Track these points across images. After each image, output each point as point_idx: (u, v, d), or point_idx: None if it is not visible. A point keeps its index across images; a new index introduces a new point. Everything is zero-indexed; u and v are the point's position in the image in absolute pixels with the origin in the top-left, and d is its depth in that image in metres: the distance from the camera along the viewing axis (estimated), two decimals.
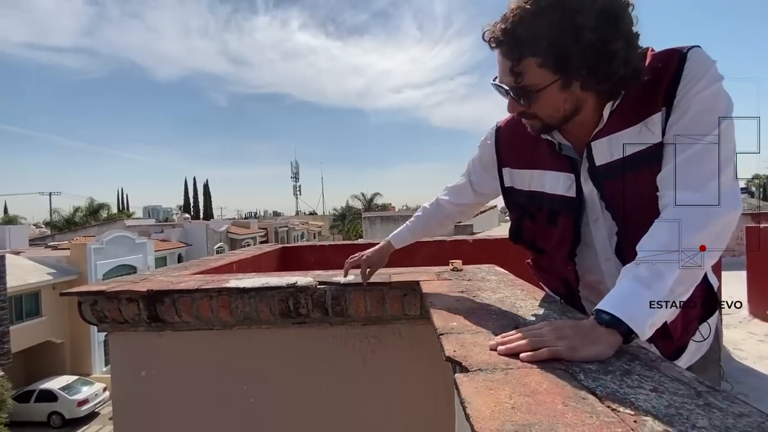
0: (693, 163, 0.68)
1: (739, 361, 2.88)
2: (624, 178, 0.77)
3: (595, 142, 0.78)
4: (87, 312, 1.40)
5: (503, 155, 0.97)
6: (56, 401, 13.14)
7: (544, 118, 0.77)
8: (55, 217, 31.68)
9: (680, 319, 0.81)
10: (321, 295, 1.33)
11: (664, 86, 0.71)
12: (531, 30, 0.66)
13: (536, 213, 0.92)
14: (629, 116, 0.74)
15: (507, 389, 0.51)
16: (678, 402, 0.47)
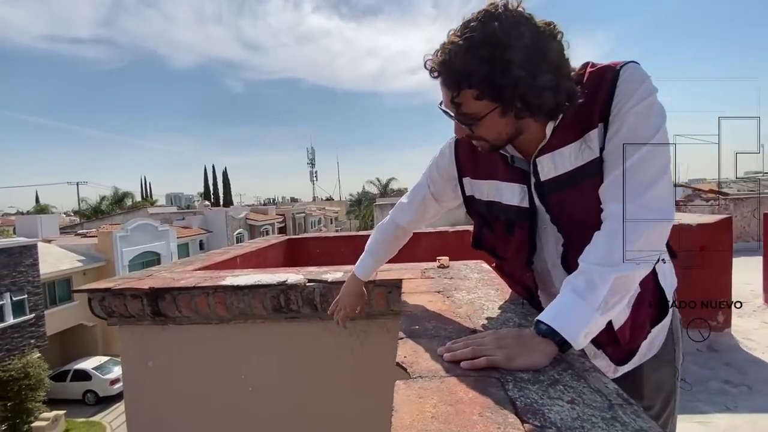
0: (628, 176, 0.70)
1: (748, 351, 2.84)
2: (567, 192, 0.79)
3: (539, 158, 0.80)
4: (96, 307, 1.51)
5: (463, 166, 0.98)
6: (90, 380, 13.95)
7: (490, 140, 0.79)
8: (83, 206, 32.95)
9: (629, 324, 0.83)
10: (310, 292, 1.40)
11: (599, 103, 0.72)
12: (464, 64, 0.68)
13: (494, 222, 0.95)
14: (570, 133, 0.76)
15: (435, 398, 0.55)
16: (587, 414, 0.50)
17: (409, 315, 0.95)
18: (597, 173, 0.74)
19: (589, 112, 0.73)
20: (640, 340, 0.87)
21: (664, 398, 0.94)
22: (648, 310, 0.85)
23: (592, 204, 0.75)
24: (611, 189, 0.72)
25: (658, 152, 0.69)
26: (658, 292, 0.86)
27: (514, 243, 0.91)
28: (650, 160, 0.69)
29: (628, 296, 0.70)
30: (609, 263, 0.67)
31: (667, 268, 0.91)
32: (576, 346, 0.65)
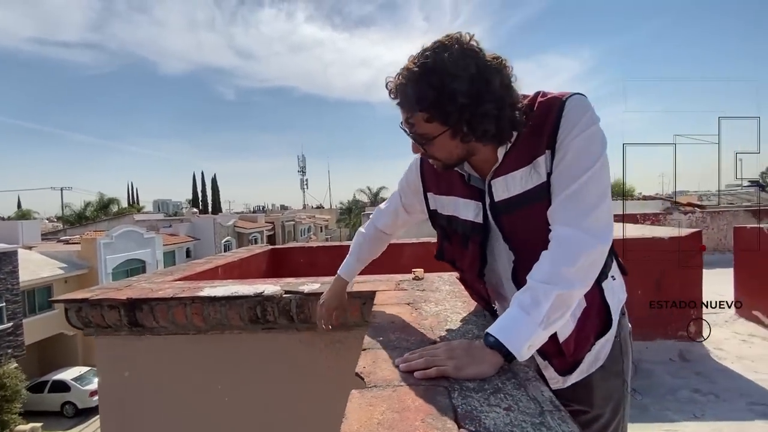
0: (570, 201, 0.76)
1: (718, 361, 2.93)
2: (517, 213, 0.85)
3: (494, 180, 0.87)
4: (73, 318, 1.52)
5: (427, 181, 1.05)
6: (69, 391, 13.56)
7: (442, 160, 0.85)
8: (67, 212, 32.32)
9: (574, 337, 0.88)
10: (286, 303, 1.43)
11: (547, 131, 0.79)
12: (416, 89, 0.75)
13: (453, 236, 1.01)
14: (521, 158, 0.82)
15: (384, 406, 0.60)
16: (519, 420, 0.55)
17: (375, 326, 0.99)
18: (545, 197, 0.80)
19: (538, 140, 0.80)
20: (584, 352, 0.92)
21: (613, 407, 0.99)
22: (593, 324, 0.91)
23: (539, 225, 0.81)
24: (556, 212, 0.78)
25: (598, 179, 0.76)
26: (603, 307, 0.91)
27: (469, 256, 0.97)
28: (591, 187, 0.76)
29: (568, 312, 0.76)
30: (552, 281, 0.73)
31: (617, 284, 0.97)
32: (519, 358, 0.70)
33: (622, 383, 0.98)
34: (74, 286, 15.92)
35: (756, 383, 2.62)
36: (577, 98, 0.79)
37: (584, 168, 0.76)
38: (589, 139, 0.76)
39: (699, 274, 3.02)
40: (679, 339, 3.09)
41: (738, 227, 3.97)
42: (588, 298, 0.87)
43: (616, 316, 0.94)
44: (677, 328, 3.14)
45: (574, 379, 0.95)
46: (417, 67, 0.75)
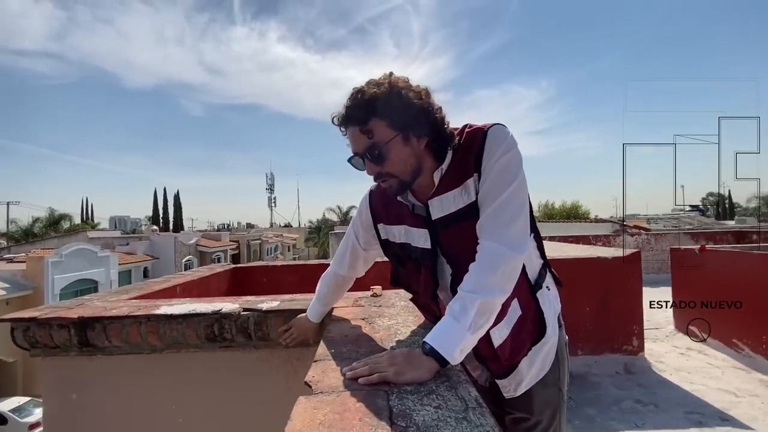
0: (493, 217, 0.88)
1: (658, 373, 3.15)
2: (451, 229, 0.96)
3: (431, 200, 0.97)
4: (19, 338, 1.47)
5: (376, 213, 1.13)
6: (6, 424, 12.30)
7: (398, 174, 0.93)
8: (12, 228, 30.02)
9: (509, 343, 0.98)
10: (244, 321, 1.45)
11: (473, 156, 0.91)
12: (373, 100, 0.87)
13: (406, 261, 1.09)
14: (453, 181, 0.94)
15: (327, 409, 0.66)
16: (445, 416, 0.63)
17: (329, 340, 1.04)
18: (474, 214, 0.91)
19: (466, 164, 0.92)
20: (520, 356, 1.01)
21: (550, 413, 1.09)
22: (528, 331, 1.01)
23: (470, 240, 0.91)
24: (482, 227, 0.89)
25: (515, 196, 0.88)
26: (538, 315, 1.01)
27: (422, 279, 1.05)
28: (510, 203, 0.87)
29: (492, 317, 0.85)
30: (476, 290, 0.82)
31: (552, 294, 1.08)
32: (452, 362, 0.78)
33: (558, 391, 1.07)
34: (17, 307, 14.67)
35: (692, 393, 2.84)
36: (497, 128, 0.91)
37: (504, 187, 0.87)
38: (507, 162, 0.88)
39: (639, 290, 3.27)
40: (624, 353, 3.30)
41: (674, 248, 4.33)
42: (523, 307, 0.97)
43: (552, 323, 1.04)
44: (623, 342, 3.36)
45: (525, 388, 1.04)
46: (369, 87, 0.88)
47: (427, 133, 0.91)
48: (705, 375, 3.15)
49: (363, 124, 0.89)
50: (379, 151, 0.90)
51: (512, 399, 1.07)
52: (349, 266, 1.25)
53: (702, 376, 3.13)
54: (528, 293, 0.99)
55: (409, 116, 0.88)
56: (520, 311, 0.99)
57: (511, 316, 0.97)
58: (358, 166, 0.94)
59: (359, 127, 0.90)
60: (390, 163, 0.91)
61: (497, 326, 0.95)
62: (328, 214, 38.50)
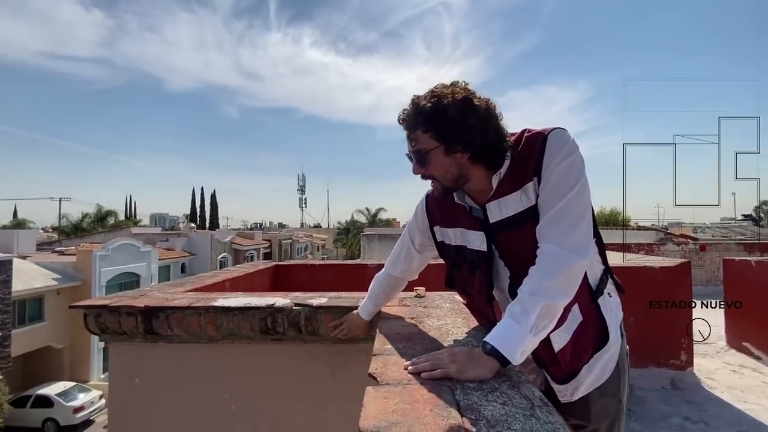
0: (554, 221, 0.89)
1: (709, 390, 2.99)
2: (510, 232, 0.97)
3: (489, 204, 1.00)
4: (92, 323, 1.59)
5: (432, 216, 1.17)
6: (52, 407, 13.19)
7: (439, 179, 0.98)
8: (64, 223, 32.19)
9: (569, 348, 0.98)
10: (296, 315, 1.52)
11: (533, 161, 0.92)
12: (421, 112, 0.92)
13: (462, 264, 1.12)
14: (512, 185, 0.96)
15: (397, 399, 0.69)
16: (512, 412, 0.64)
17: (383, 336, 1.08)
18: (533, 218, 0.93)
19: (526, 168, 0.93)
20: (581, 363, 1.01)
21: (608, 423, 1.07)
22: (590, 337, 1.00)
23: (529, 243, 0.93)
24: (542, 231, 0.91)
25: (577, 201, 0.88)
26: (600, 322, 1.01)
27: (477, 282, 1.07)
28: (571, 208, 0.88)
29: (554, 320, 0.86)
30: (538, 293, 0.84)
31: (613, 302, 1.07)
32: (513, 362, 0.80)
33: (618, 402, 1.06)
34: (67, 297, 15.73)
35: (745, 413, 2.67)
36: (557, 132, 0.92)
37: (565, 191, 0.88)
38: (569, 166, 0.89)
39: (688, 302, 3.11)
40: (671, 368, 3.15)
41: (727, 259, 4.08)
42: (584, 313, 0.97)
43: (614, 331, 1.03)
44: (669, 356, 3.21)
45: (582, 394, 1.03)
46: (419, 99, 0.93)
47: (472, 147, 0.93)
48: (760, 394, 2.96)
49: (411, 131, 0.95)
50: (421, 157, 0.96)
51: (569, 405, 1.06)
52: (403, 268, 1.28)
53: (757, 395, 2.94)
54: (589, 299, 0.99)
55: (453, 132, 0.92)
56: (581, 317, 0.99)
57: (572, 322, 0.97)
58: (409, 159, 1.00)
59: (408, 132, 0.96)
60: (431, 168, 0.97)
61: (557, 331, 0.96)
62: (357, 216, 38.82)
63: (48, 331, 15.17)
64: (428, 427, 0.59)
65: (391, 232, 10.67)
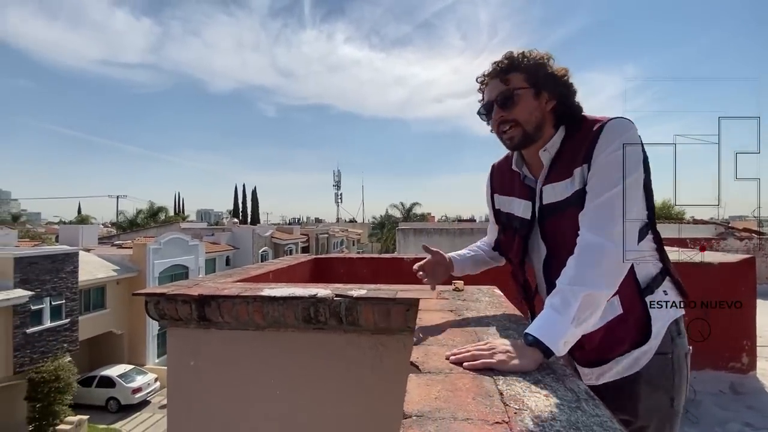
0: (598, 210, 0.88)
1: None
2: (557, 215, 1.00)
3: (544, 186, 1.04)
4: (152, 310, 1.73)
5: (493, 185, 1.27)
6: (114, 387, 14.37)
7: (522, 123, 1.03)
8: (121, 218, 34.72)
9: (599, 336, 0.98)
10: (337, 305, 1.57)
11: (585, 147, 0.93)
12: (517, 58, 1.04)
13: (507, 230, 1.19)
14: (565, 170, 0.98)
15: (439, 386, 0.71)
16: (557, 404, 0.64)
17: (423, 327, 1.10)
18: (579, 203, 0.93)
19: (577, 153, 0.95)
20: (613, 354, 1.00)
21: (658, 421, 1.04)
22: (629, 332, 0.97)
23: (571, 226, 0.94)
24: (585, 217, 0.90)
25: (627, 193, 0.86)
26: (645, 320, 0.98)
27: (515, 247, 1.14)
28: (619, 199, 0.86)
29: (598, 311, 0.85)
30: (578, 283, 0.83)
31: (668, 301, 1.02)
32: (557, 353, 0.79)
33: (670, 400, 1.02)
34: (125, 287, 17.01)
35: None
36: (618, 121, 0.92)
37: (615, 181, 0.87)
38: (622, 156, 0.88)
39: (752, 303, 2.88)
40: (731, 371, 2.94)
41: None
42: (625, 307, 0.95)
43: (659, 330, 1.00)
44: (728, 359, 2.99)
45: (607, 380, 1.02)
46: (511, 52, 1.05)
47: (556, 96, 1.03)
48: None
49: (504, 74, 1.04)
50: (510, 97, 1.02)
51: (607, 395, 1.04)
52: (487, 240, 1.38)
53: None
54: (634, 294, 0.97)
55: (544, 77, 1.02)
56: (620, 310, 0.97)
57: (608, 312, 0.96)
58: (487, 112, 1.07)
59: (500, 78, 1.04)
60: (517, 110, 1.02)
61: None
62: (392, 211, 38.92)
63: (109, 318, 16.49)
64: (472, 414, 0.61)
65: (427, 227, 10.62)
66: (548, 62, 1.03)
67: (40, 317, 13.04)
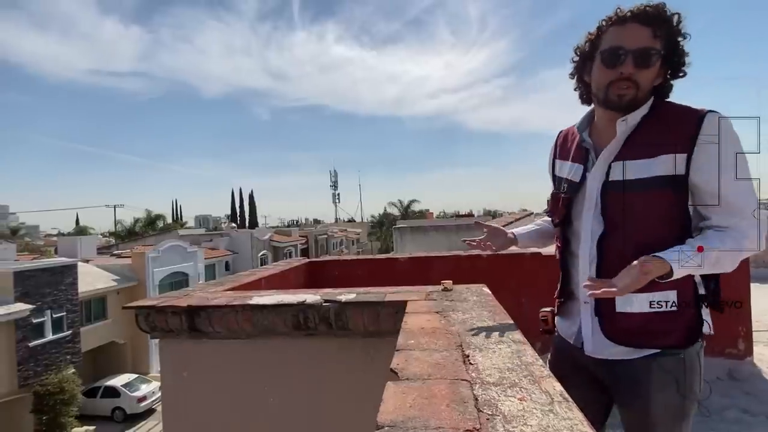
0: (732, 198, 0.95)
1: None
2: (629, 195, 1.01)
3: (614, 163, 1.03)
4: (142, 322, 1.73)
5: (557, 150, 1.27)
6: (119, 397, 14.37)
7: (642, 85, 1.00)
8: (119, 228, 34.65)
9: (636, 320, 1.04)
10: (326, 311, 1.57)
11: (682, 136, 0.97)
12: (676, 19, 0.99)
13: (556, 193, 1.20)
14: (645, 150, 1.00)
15: (415, 394, 0.71)
16: (530, 407, 0.64)
17: (407, 331, 1.10)
18: (665, 186, 0.98)
19: (667, 139, 0.98)
20: (640, 342, 1.05)
21: (670, 420, 1.06)
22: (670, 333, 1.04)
23: (645, 207, 0.99)
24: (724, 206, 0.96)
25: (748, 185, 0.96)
26: (689, 326, 1.04)
27: (559, 207, 1.17)
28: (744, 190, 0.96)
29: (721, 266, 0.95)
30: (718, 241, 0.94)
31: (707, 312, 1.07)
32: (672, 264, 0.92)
33: (683, 400, 1.04)
34: (125, 297, 16.99)
35: None
36: (717, 115, 0.96)
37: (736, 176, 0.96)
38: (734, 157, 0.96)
39: (745, 287, 2.89)
40: (728, 357, 2.95)
41: None
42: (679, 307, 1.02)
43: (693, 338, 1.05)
44: (726, 345, 3.00)
45: (609, 356, 1.08)
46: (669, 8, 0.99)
47: (676, 70, 1.02)
48: None
49: (657, 26, 0.97)
50: (651, 57, 0.98)
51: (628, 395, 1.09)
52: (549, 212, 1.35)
53: None
54: (691, 298, 1.03)
55: (680, 51, 1.00)
56: (674, 307, 1.01)
57: (661, 299, 1.01)
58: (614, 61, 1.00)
59: (652, 28, 0.97)
60: (647, 73, 1.00)
61: (639, 295, 1.01)
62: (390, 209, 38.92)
63: (111, 327, 16.48)
64: (444, 422, 0.61)
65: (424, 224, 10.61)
66: (685, 35, 1.00)
67: (42, 330, 13.02)
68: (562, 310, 1.26)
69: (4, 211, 36.10)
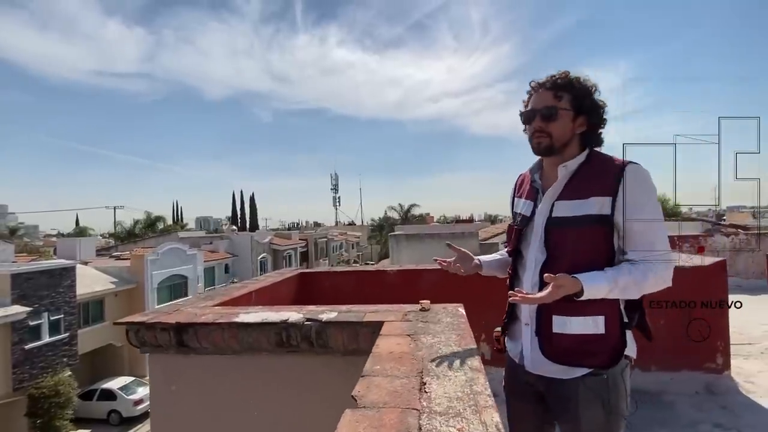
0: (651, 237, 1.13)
1: (746, 394, 2.84)
2: (565, 229, 1.18)
3: (557, 201, 1.20)
4: (133, 338, 1.80)
5: (516, 189, 1.45)
6: (115, 400, 14.38)
7: (554, 136, 1.21)
8: (119, 229, 34.69)
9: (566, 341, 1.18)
10: (308, 329, 1.64)
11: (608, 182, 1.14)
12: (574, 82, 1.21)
13: (511, 225, 1.40)
14: (579, 192, 1.18)
15: (367, 423, 0.79)
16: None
17: (375, 356, 1.18)
18: (592, 225, 1.14)
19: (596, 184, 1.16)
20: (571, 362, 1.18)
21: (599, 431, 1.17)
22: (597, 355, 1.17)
23: (576, 241, 1.17)
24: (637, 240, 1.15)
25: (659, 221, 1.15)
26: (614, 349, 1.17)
27: (510, 237, 1.38)
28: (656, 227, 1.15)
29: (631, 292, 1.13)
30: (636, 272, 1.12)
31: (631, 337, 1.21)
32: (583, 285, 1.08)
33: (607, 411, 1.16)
34: (123, 299, 17.04)
35: None
36: (640, 167, 1.15)
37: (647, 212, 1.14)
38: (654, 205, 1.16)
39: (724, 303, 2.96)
40: (705, 371, 3.02)
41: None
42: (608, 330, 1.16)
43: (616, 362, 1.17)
44: (704, 359, 3.07)
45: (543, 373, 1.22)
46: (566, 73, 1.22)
47: (591, 123, 1.22)
48: None
49: (556, 90, 1.21)
50: (554, 114, 1.20)
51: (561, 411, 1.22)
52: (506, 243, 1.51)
53: None
54: (617, 324, 1.17)
55: (588, 105, 1.21)
56: (602, 330, 1.15)
57: (587, 327, 1.15)
58: (528, 118, 1.25)
59: (553, 92, 1.21)
60: (554, 126, 1.20)
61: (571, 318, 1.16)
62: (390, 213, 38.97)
63: (109, 330, 16.50)
64: None
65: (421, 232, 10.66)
66: (594, 92, 1.21)
67: (38, 333, 13.06)
68: (509, 332, 1.42)
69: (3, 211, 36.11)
